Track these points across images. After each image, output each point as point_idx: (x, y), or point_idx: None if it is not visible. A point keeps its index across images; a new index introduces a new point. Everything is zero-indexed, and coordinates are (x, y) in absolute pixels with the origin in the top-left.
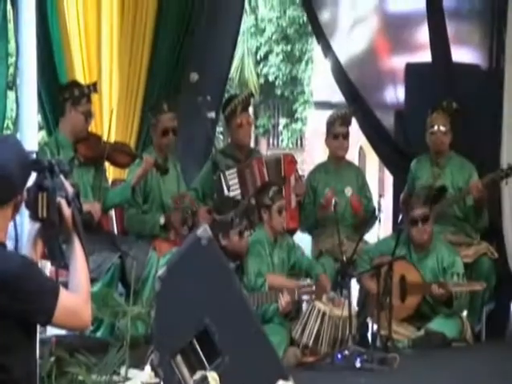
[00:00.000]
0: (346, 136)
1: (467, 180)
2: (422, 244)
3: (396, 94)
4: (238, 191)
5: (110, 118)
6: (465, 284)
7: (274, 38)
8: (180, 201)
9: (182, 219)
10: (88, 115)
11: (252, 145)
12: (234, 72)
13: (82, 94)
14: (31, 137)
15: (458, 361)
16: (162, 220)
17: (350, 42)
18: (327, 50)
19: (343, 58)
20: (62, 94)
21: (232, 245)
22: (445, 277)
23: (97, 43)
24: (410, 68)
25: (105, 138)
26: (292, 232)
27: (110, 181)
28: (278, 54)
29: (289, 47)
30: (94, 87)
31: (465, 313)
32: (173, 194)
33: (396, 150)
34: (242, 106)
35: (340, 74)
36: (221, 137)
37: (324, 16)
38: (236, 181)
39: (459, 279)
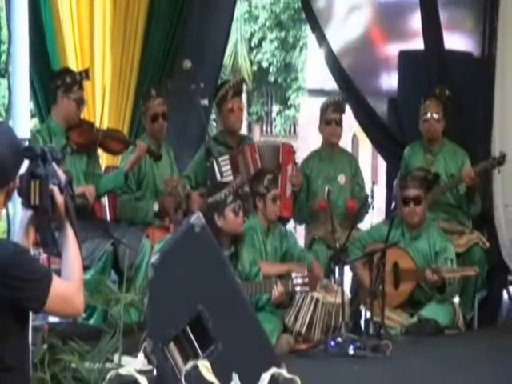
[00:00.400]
0: (338, 122)
1: (460, 167)
2: (413, 225)
3: (389, 81)
4: (231, 177)
5: (103, 103)
6: (458, 270)
7: (267, 24)
8: (171, 183)
9: (176, 204)
10: (80, 102)
11: (245, 132)
12: (227, 59)
13: (73, 81)
14: (23, 124)
15: (450, 348)
16: (156, 207)
17: (344, 29)
18: (321, 38)
19: (337, 46)
20: (53, 82)
21: (228, 224)
22: (436, 261)
23: (89, 30)
24: (403, 55)
25: (97, 124)
26: (285, 221)
27: (103, 168)
28: (271, 41)
29: (283, 34)
30: (85, 74)
31: (457, 300)
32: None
33: (389, 137)
34: (233, 90)
35: (333, 61)
36: (214, 124)
37: (318, 4)
38: (229, 167)
39: (452, 265)
